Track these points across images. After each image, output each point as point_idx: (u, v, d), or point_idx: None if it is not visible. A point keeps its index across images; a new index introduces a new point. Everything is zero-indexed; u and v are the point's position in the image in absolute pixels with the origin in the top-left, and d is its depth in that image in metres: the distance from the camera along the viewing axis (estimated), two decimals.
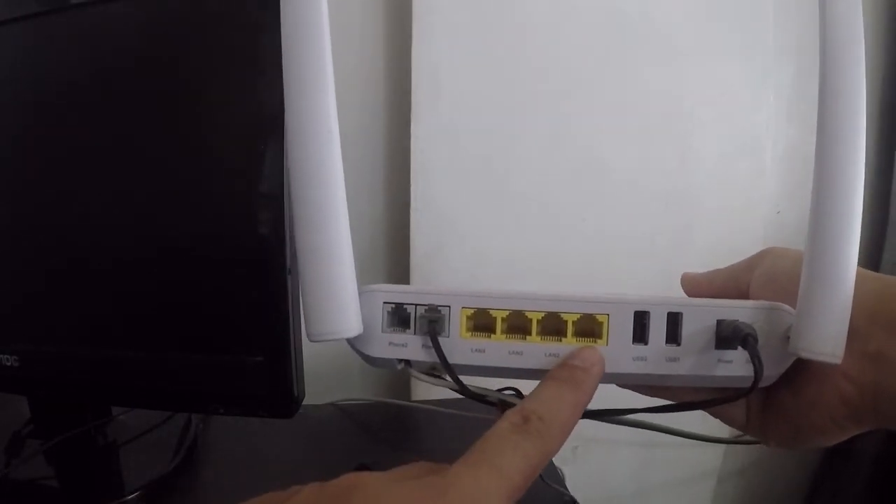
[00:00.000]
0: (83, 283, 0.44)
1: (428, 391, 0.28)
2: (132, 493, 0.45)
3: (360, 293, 0.25)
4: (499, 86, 0.66)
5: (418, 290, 0.26)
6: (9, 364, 0.45)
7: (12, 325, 0.47)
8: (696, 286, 0.31)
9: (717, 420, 0.29)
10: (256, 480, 0.48)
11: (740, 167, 0.71)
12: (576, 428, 0.23)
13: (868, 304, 0.24)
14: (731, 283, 0.29)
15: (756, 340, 0.24)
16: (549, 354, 0.25)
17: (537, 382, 0.25)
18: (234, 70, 0.40)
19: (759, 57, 0.69)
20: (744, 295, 0.28)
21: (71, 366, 0.45)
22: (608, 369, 0.25)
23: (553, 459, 0.51)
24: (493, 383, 0.28)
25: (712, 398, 0.26)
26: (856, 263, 0.23)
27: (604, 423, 0.40)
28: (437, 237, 0.68)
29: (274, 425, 0.46)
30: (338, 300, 0.24)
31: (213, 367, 0.42)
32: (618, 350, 0.25)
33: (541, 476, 0.44)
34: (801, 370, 0.25)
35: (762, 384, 0.25)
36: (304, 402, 0.42)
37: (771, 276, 0.27)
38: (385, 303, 0.26)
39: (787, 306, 0.25)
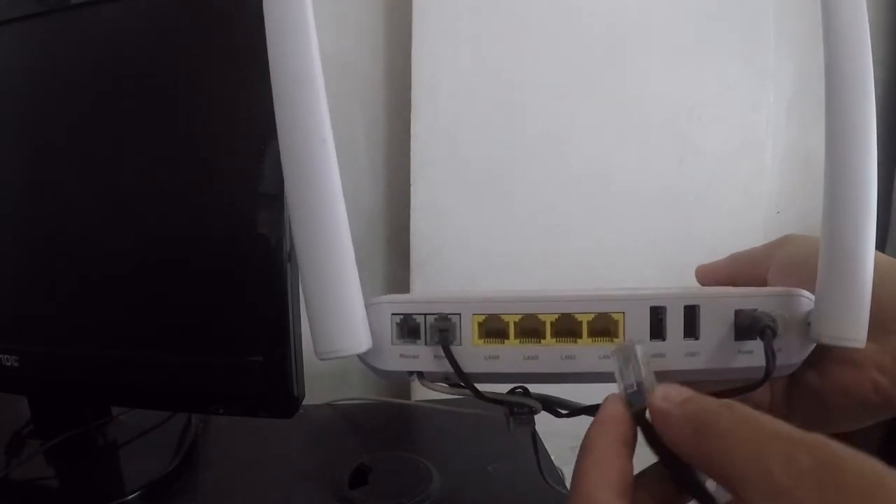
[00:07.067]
0: (83, 284, 0.44)
1: (427, 391, 0.28)
2: (132, 493, 0.45)
3: (367, 305, 0.24)
4: (499, 86, 0.66)
5: (426, 299, 0.25)
6: (9, 364, 0.45)
7: (12, 325, 0.47)
8: (712, 272, 0.31)
9: None
10: (256, 480, 0.48)
11: (740, 167, 0.71)
12: (574, 426, 0.22)
13: None
14: (749, 269, 0.29)
15: (774, 333, 0.23)
16: (566, 357, 0.24)
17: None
18: (234, 69, 0.40)
19: (759, 57, 0.69)
20: (761, 281, 0.28)
21: (71, 366, 0.45)
22: None
23: (553, 459, 0.51)
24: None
25: (723, 389, 0.25)
26: (874, 244, 0.22)
27: None
28: (437, 238, 0.68)
29: (274, 425, 0.46)
30: (345, 316, 0.23)
31: (212, 367, 0.42)
32: None
33: (542, 476, 0.44)
34: (827, 354, 0.25)
35: (784, 373, 0.25)
36: (304, 402, 0.42)
37: (791, 263, 0.27)
38: (393, 314, 0.25)
39: (805, 292, 0.24)
